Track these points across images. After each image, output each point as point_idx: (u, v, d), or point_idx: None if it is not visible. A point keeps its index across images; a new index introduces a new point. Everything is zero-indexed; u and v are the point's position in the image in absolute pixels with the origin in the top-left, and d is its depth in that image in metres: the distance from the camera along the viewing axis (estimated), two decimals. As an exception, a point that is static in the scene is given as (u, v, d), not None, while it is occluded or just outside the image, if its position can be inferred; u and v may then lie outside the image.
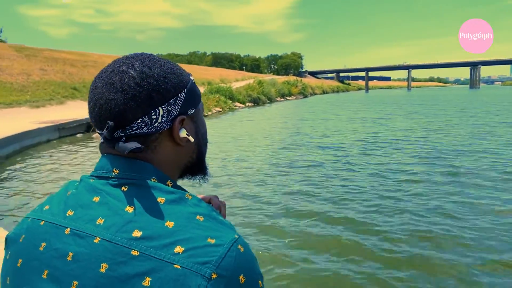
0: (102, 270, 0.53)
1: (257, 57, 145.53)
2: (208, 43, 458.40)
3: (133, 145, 0.59)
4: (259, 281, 0.57)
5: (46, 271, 0.57)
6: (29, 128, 10.89)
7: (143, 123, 0.61)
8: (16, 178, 7.37)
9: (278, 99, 42.54)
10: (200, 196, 0.82)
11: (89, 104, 0.63)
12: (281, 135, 13.48)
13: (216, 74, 57.79)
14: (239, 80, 51.57)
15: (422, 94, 64.98)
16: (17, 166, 8.36)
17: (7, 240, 0.64)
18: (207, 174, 0.76)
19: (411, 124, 16.18)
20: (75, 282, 0.54)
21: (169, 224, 0.55)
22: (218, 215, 0.60)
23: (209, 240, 0.54)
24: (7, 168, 8.17)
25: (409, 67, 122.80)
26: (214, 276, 0.52)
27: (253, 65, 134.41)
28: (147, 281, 0.51)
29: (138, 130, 0.61)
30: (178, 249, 0.53)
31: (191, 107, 0.67)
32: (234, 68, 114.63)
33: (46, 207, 0.63)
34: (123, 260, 0.53)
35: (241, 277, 0.54)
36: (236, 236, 0.57)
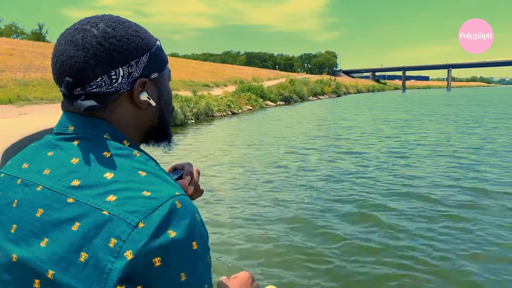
0: (38, 214, 0.56)
1: (290, 56, 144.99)
2: (242, 42, 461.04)
3: (89, 103, 0.60)
4: (193, 242, 0.55)
5: None
6: (67, 122, 11.43)
7: (102, 82, 0.62)
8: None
9: (310, 98, 42.18)
10: (173, 164, 0.87)
11: (52, 60, 0.65)
12: (296, 138, 13.40)
13: (248, 73, 58.13)
14: (272, 79, 51.57)
15: (462, 94, 62.17)
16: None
17: None
18: (171, 141, 0.77)
19: (445, 127, 15.48)
20: (14, 226, 0.58)
21: (108, 175, 0.57)
22: (165, 175, 0.61)
23: (144, 192, 0.55)
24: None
25: (449, 66, 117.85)
26: (141, 225, 0.52)
27: (286, 64, 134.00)
28: (76, 226, 0.53)
29: (97, 89, 0.62)
30: (111, 197, 0.54)
31: (155, 71, 0.67)
32: (267, 67, 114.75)
33: (9, 162, 0.68)
34: (58, 206, 0.55)
35: (170, 231, 0.52)
36: (177, 194, 0.56)
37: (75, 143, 0.62)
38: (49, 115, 14.19)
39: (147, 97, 0.66)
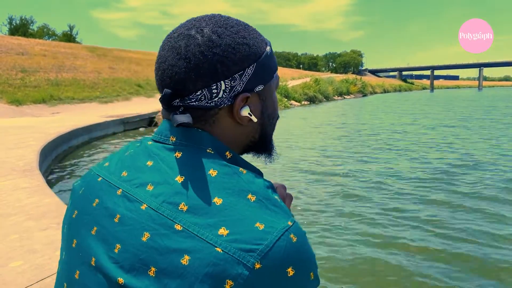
0: (144, 239, 0.51)
1: (314, 55, 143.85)
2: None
3: (183, 118, 0.55)
4: (311, 273, 0.51)
5: (95, 228, 0.56)
6: (98, 121, 11.74)
7: (202, 96, 0.57)
8: (84, 165, 8.00)
9: (336, 97, 41.66)
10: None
11: (155, 64, 0.61)
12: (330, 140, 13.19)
13: (272, 73, 57.84)
14: (296, 79, 51.19)
15: (495, 94, 59.75)
16: (85, 155, 9.06)
17: (72, 188, 0.66)
18: (272, 154, 0.70)
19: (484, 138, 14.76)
20: (118, 246, 0.53)
21: (217, 200, 0.52)
22: (274, 195, 0.55)
23: (257, 224, 0.50)
24: (77, 155, 8.90)
25: (480, 65, 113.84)
26: (257, 266, 0.47)
27: (310, 64, 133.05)
28: (185, 259, 0.48)
29: (197, 103, 0.57)
30: (223, 230, 0.49)
31: (260, 83, 0.61)
32: (291, 66, 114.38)
33: (106, 164, 0.63)
34: (166, 232, 0.50)
35: (289, 269, 0.49)
36: (290, 223, 0.51)
37: (177, 155, 0.57)
38: (80, 114, 14.61)
39: (248, 113, 0.60)
